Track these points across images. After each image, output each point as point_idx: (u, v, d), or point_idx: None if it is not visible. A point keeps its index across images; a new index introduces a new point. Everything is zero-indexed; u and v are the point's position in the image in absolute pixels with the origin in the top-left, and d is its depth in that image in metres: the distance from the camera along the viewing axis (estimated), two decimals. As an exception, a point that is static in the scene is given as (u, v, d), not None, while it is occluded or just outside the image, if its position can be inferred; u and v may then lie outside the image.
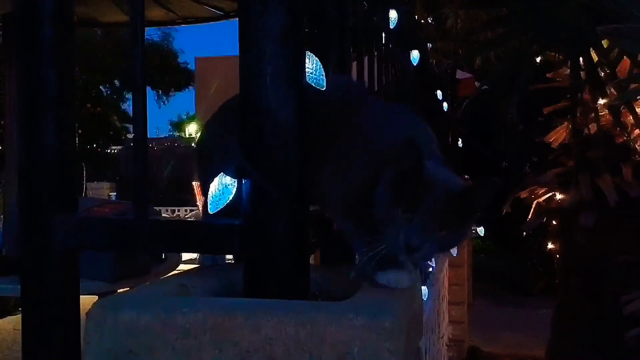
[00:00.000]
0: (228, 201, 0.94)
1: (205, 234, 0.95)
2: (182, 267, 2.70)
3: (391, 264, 0.91)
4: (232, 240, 0.93)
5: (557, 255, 3.88)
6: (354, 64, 1.59)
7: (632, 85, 1.63)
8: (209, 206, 0.94)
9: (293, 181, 0.90)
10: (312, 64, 0.98)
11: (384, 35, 1.91)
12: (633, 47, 1.56)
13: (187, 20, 4.39)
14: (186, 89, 23.20)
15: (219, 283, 1.02)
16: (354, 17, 1.46)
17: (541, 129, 4.03)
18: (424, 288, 2.70)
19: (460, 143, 6.23)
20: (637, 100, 2.87)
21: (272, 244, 0.88)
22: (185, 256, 4.44)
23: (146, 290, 0.91)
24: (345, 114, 1.07)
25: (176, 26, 4.72)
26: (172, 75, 21.52)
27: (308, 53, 0.96)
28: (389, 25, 1.89)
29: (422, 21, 4.53)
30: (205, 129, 1.31)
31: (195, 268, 1.11)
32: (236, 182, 0.92)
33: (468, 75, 6.30)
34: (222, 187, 0.92)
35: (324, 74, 1.00)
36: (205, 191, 1.02)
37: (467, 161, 6.50)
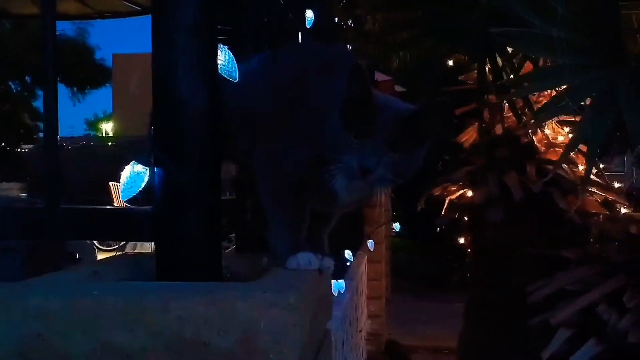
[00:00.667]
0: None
1: (118, 221, 0.96)
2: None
3: (299, 249, 0.95)
4: (144, 227, 0.95)
5: (469, 250, 4.07)
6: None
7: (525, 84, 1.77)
8: (120, 194, 0.96)
9: (205, 169, 0.93)
10: (224, 57, 1.01)
11: (300, 34, 1.96)
12: (524, 49, 1.69)
13: (103, 15, 4.28)
14: (103, 87, 22.47)
15: (132, 271, 1.03)
16: (269, 14, 1.50)
17: (456, 130, 4.22)
18: (341, 281, 2.78)
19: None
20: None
21: (183, 230, 0.91)
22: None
23: (55, 277, 0.91)
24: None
25: (92, 20, 4.59)
26: (87, 72, 20.78)
27: (221, 46, 0.99)
28: (305, 24, 1.94)
29: (343, 23, 4.63)
30: None
31: (109, 257, 1.11)
32: (148, 170, 0.94)
33: (387, 77, 6.47)
34: (134, 175, 0.94)
35: (236, 66, 1.04)
36: None
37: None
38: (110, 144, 13.06)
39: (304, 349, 0.80)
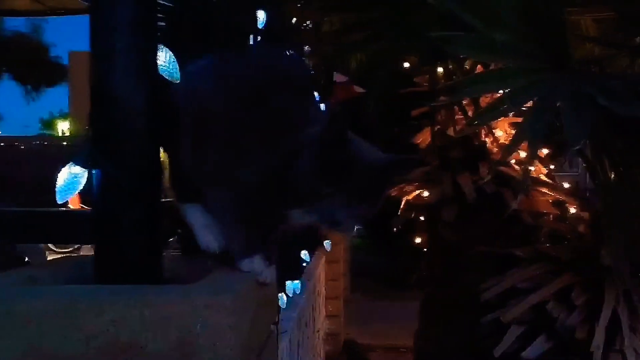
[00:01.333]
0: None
1: (57, 223, 0.95)
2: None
3: (254, 251, 0.93)
4: (83, 229, 0.93)
5: (425, 249, 4.13)
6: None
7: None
8: (57, 195, 0.94)
9: (144, 170, 0.92)
10: (165, 57, 1.00)
11: (252, 36, 1.95)
12: (464, 52, 1.73)
13: (55, 12, 4.19)
14: (58, 85, 21.98)
15: (71, 275, 1.02)
16: (216, 14, 1.49)
17: (415, 131, 4.28)
18: (297, 282, 2.78)
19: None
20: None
21: (121, 232, 0.90)
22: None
23: (-11, 281, 0.89)
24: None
25: (44, 17, 4.49)
26: (42, 70, 20.31)
27: (161, 46, 0.99)
28: (256, 25, 1.93)
29: (301, 24, 4.63)
30: None
31: (49, 260, 1.09)
32: (86, 172, 0.93)
33: (345, 78, 6.49)
34: (71, 176, 0.92)
35: (177, 67, 1.03)
36: None
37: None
38: (65, 143, 12.74)
39: (243, 352, 0.80)
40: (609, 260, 2.92)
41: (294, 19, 4.26)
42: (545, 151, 3.58)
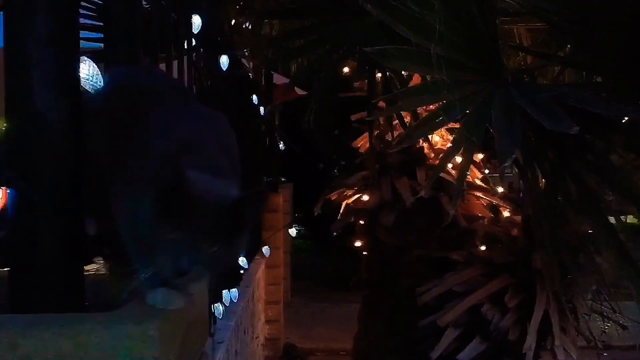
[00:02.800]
0: None
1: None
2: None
3: (162, 283, 0.84)
4: (-4, 252, 0.87)
5: (364, 253, 4.15)
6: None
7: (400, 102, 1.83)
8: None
9: (63, 189, 0.87)
10: (88, 69, 0.95)
11: (187, 40, 1.90)
12: (400, 66, 1.75)
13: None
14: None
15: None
16: (148, 19, 1.44)
17: (353, 134, 4.30)
18: (234, 290, 2.74)
19: (281, 146, 6.39)
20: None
21: (38, 256, 0.85)
22: None
23: None
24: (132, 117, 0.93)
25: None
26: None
27: (84, 58, 0.94)
28: (190, 29, 1.89)
29: (241, 26, 4.58)
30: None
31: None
32: (1, 192, 0.87)
33: (285, 80, 6.47)
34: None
35: (101, 80, 0.98)
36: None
37: (286, 164, 6.69)
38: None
39: (170, 381, 0.77)
40: (540, 263, 3.01)
41: (233, 21, 4.22)
42: (480, 156, 3.66)
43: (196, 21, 1.92)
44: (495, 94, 1.64)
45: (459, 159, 3.81)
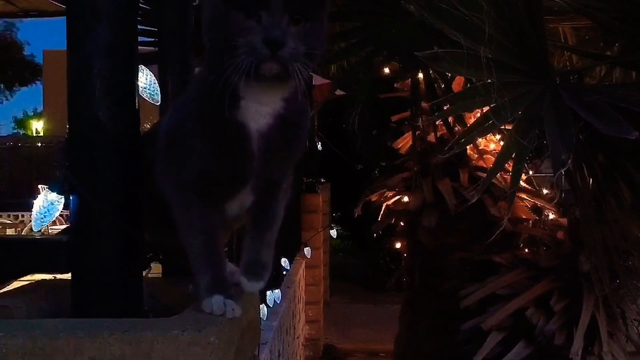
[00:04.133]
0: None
1: (30, 252, 0.91)
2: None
3: (219, 290, 0.85)
4: (59, 258, 0.90)
5: (404, 254, 4.13)
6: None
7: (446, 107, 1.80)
8: (32, 223, 0.90)
9: (123, 195, 0.89)
10: (145, 78, 0.97)
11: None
12: (451, 70, 1.73)
13: (29, 14, 4.10)
14: (33, 84, 21.63)
15: (47, 303, 0.98)
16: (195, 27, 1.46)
17: (393, 135, 4.28)
18: (277, 291, 2.76)
19: (319, 147, 6.41)
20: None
21: (100, 261, 0.87)
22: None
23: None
24: None
25: (16, 19, 4.39)
26: (16, 69, 19.97)
27: (142, 67, 0.96)
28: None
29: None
30: None
31: (23, 286, 1.05)
32: (62, 199, 0.89)
33: (325, 80, 6.48)
34: (47, 204, 0.89)
35: (158, 88, 1.00)
36: None
37: (324, 164, 6.71)
38: (39, 144, 12.49)
39: (227, 385, 0.78)
40: (588, 267, 2.94)
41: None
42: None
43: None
44: (544, 95, 1.61)
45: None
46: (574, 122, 1.45)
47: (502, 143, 3.45)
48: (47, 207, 0.89)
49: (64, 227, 8.05)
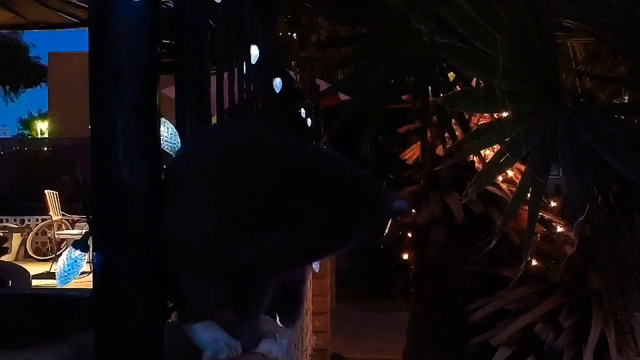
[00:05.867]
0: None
1: (55, 307, 0.92)
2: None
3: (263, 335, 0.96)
4: (82, 313, 0.90)
5: (412, 266, 4.13)
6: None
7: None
8: (57, 279, 0.91)
9: (145, 250, 0.89)
10: (166, 130, 0.98)
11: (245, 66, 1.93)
12: (467, 109, 1.72)
13: (38, 26, 4.11)
14: (38, 86, 21.69)
15: (69, 349, 0.99)
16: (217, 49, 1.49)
17: (398, 141, 4.28)
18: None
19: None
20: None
21: (123, 315, 0.87)
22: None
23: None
24: None
25: (26, 30, 4.42)
26: (21, 70, 20.03)
27: (163, 120, 0.96)
28: (250, 60, 1.92)
29: (288, 33, 4.62)
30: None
31: (44, 341, 1.05)
32: (86, 255, 0.90)
33: (329, 85, 6.48)
34: (72, 260, 0.90)
35: (179, 139, 1.01)
36: None
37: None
38: (46, 148, 12.50)
39: None
40: (598, 283, 2.94)
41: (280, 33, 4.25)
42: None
43: (254, 52, 1.95)
44: (557, 125, 1.61)
45: (510, 173, 3.77)
46: (589, 158, 1.45)
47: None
48: (71, 264, 0.90)
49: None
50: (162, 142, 0.95)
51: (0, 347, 0.90)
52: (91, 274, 0.88)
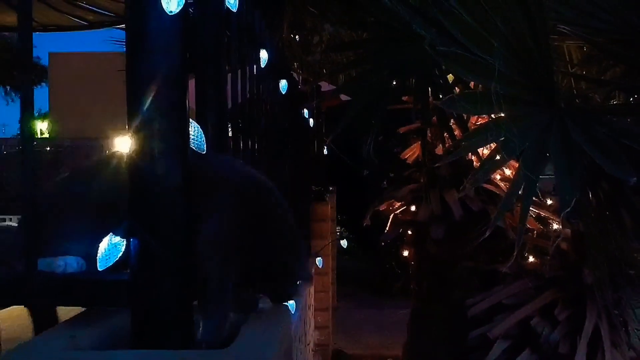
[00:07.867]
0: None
1: (94, 288, 1.02)
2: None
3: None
4: (120, 295, 1.01)
5: (412, 263, 4.23)
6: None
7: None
8: (97, 263, 1.01)
9: (179, 240, 0.99)
10: (193, 131, 1.08)
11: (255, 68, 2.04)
12: (466, 111, 1.83)
13: (47, 28, 4.21)
14: (38, 86, 21.77)
15: (104, 330, 1.09)
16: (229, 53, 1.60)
17: (398, 141, 4.39)
18: (292, 302, 2.86)
19: (325, 151, 6.51)
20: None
21: (158, 299, 0.98)
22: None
23: (41, 345, 0.96)
24: None
25: (34, 32, 4.50)
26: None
27: (190, 120, 1.06)
28: (259, 63, 2.02)
29: (292, 35, 4.72)
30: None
31: (80, 314, 1.15)
32: (125, 241, 1.00)
33: (333, 87, 6.58)
34: (111, 246, 1.00)
35: (204, 138, 1.11)
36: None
37: (331, 169, 6.80)
38: (48, 148, 12.58)
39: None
40: (592, 279, 3.04)
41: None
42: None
43: (263, 55, 2.05)
44: (551, 126, 1.71)
45: (507, 172, 3.87)
46: (580, 158, 1.55)
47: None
48: (111, 248, 1.00)
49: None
50: (190, 141, 1.05)
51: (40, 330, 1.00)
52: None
